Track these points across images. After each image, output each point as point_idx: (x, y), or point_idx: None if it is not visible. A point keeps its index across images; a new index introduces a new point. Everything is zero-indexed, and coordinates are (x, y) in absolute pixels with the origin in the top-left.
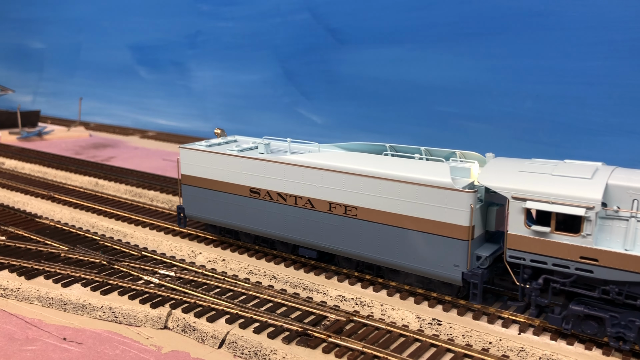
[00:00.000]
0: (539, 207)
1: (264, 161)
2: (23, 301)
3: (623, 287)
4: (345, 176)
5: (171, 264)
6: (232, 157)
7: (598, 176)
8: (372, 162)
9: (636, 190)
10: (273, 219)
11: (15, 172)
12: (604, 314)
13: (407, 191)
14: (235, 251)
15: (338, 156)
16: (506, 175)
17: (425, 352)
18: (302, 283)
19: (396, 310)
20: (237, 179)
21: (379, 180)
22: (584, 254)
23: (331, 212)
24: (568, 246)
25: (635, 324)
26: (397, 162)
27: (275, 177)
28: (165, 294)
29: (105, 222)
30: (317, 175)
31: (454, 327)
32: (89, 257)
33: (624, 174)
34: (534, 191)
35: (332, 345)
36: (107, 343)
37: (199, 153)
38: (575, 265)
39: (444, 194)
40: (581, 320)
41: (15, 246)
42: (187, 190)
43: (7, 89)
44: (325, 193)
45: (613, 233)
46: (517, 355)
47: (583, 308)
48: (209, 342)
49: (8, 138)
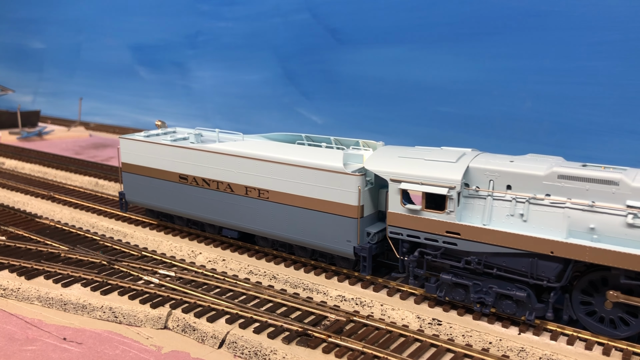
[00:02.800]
0: (411, 188)
1: (190, 149)
2: (23, 301)
3: (482, 258)
4: (257, 162)
5: (171, 264)
6: (164, 146)
7: (462, 160)
8: (281, 150)
9: (492, 172)
10: (200, 202)
11: (15, 172)
12: (469, 281)
13: (308, 175)
14: (235, 251)
15: (253, 145)
16: (387, 160)
17: (425, 352)
18: (302, 283)
19: (396, 310)
20: (169, 166)
21: (285, 166)
22: (449, 229)
23: (247, 196)
24: (436, 222)
25: (492, 289)
26: (302, 150)
27: (199, 164)
28: (165, 294)
29: (105, 222)
30: (234, 162)
31: (454, 327)
32: (89, 257)
33: (486, 158)
34: (407, 174)
35: (332, 345)
36: (107, 343)
37: (137, 143)
38: (442, 239)
39: (337, 177)
40: (451, 288)
41: (15, 246)
42: (126, 177)
43: (7, 89)
44: (241, 178)
45: (474, 210)
46: (517, 355)
47: (451, 277)
48: (209, 342)
49: (8, 138)
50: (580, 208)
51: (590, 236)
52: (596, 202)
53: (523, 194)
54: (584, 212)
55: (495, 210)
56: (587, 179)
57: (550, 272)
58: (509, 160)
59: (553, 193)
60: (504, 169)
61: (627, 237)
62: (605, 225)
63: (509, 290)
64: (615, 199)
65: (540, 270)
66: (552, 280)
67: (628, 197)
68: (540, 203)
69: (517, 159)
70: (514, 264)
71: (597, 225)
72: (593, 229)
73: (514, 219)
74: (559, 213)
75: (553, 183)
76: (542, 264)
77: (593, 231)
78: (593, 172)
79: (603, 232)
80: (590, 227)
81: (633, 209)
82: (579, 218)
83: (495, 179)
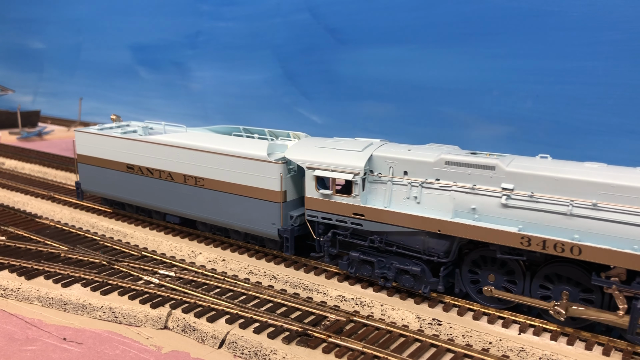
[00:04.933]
0: (323, 174)
1: (135, 141)
2: (23, 301)
3: (383, 237)
4: (193, 152)
5: (171, 264)
6: (113, 138)
7: (367, 150)
8: (215, 140)
9: (391, 160)
10: (145, 190)
11: (15, 172)
12: (374, 258)
13: (237, 164)
14: (235, 251)
15: (192, 136)
16: (305, 150)
17: (425, 352)
18: (302, 283)
19: (396, 310)
20: (118, 157)
21: (217, 156)
22: (355, 211)
23: (186, 184)
24: (344, 205)
25: (393, 265)
26: (233, 141)
27: (144, 154)
28: (165, 294)
29: (105, 222)
30: (173, 152)
31: (454, 327)
32: (89, 257)
33: (388, 147)
34: (320, 162)
35: (332, 346)
36: (107, 343)
37: (90, 135)
38: (350, 220)
39: (262, 165)
40: (360, 265)
41: (15, 246)
42: (82, 167)
43: (7, 89)
44: (180, 167)
45: (377, 194)
46: (517, 356)
47: (359, 255)
48: (209, 342)
49: (8, 138)
50: (464, 191)
51: (472, 216)
52: (477, 185)
53: (417, 178)
54: (467, 194)
55: (395, 194)
56: (469, 165)
57: (440, 249)
58: (407, 149)
59: (442, 177)
60: (401, 156)
61: (502, 216)
62: (484, 205)
63: (407, 266)
64: (493, 182)
65: (431, 247)
66: (442, 256)
67: (503, 180)
68: (431, 187)
69: (415, 148)
70: (410, 241)
71: (477, 205)
72: (474, 209)
73: (410, 201)
74: (446, 195)
75: (441, 169)
76: (432, 242)
77: (474, 211)
78: (474, 159)
79: (482, 212)
80: (472, 208)
81: (506, 190)
82: (463, 200)
83: (394, 166)
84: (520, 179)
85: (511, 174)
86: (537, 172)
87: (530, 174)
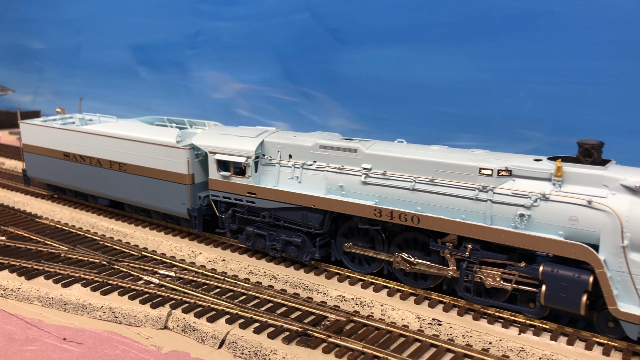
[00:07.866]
0: (221, 158)
1: (70, 131)
2: (23, 301)
3: (272, 212)
4: (116, 140)
5: (171, 264)
6: (53, 129)
7: (260, 136)
8: (135, 129)
9: (279, 145)
10: (79, 176)
11: (15, 172)
12: (265, 232)
13: (152, 150)
14: (235, 251)
15: (117, 126)
16: (209, 137)
17: (425, 352)
18: (302, 283)
19: (396, 311)
20: (57, 145)
21: (136, 143)
22: (249, 190)
23: (111, 169)
24: (240, 185)
25: (281, 237)
26: (150, 129)
27: (77, 143)
28: (165, 294)
29: (105, 222)
30: (101, 141)
31: (454, 327)
32: (89, 257)
33: (279, 134)
34: (220, 147)
35: (332, 346)
36: (107, 343)
37: (33, 127)
38: (245, 199)
39: (171, 151)
40: (256, 238)
41: (15, 246)
42: (27, 156)
43: (7, 89)
44: (107, 154)
45: (268, 175)
46: (517, 355)
47: (254, 229)
48: (209, 342)
49: (8, 138)
50: (334, 171)
51: (340, 192)
52: (344, 166)
53: (299, 161)
54: (336, 174)
55: (282, 175)
56: (338, 148)
57: (315, 222)
58: (293, 135)
59: (318, 160)
60: (287, 142)
61: (363, 192)
62: (349, 183)
63: (291, 238)
64: (355, 163)
65: (309, 220)
66: (317, 228)
67: (363, 161)
68: (309, 168)
69: (300, 135)
70: (292, 216)
71: (344, 183)
72: (342, 187)
73: (293, 181)
74: (320, 175)
75: (317, 152)
76: (309, 215)
77: (342, 188)
78: (341, 143)
79: (348, 189)
80: (340, 185)
81: (365, 170)
82: (334, 179)
83: (281, 150)
84: (377, 160)
85: (370, 155)
86: (389, 154)
87: (384, 155)
